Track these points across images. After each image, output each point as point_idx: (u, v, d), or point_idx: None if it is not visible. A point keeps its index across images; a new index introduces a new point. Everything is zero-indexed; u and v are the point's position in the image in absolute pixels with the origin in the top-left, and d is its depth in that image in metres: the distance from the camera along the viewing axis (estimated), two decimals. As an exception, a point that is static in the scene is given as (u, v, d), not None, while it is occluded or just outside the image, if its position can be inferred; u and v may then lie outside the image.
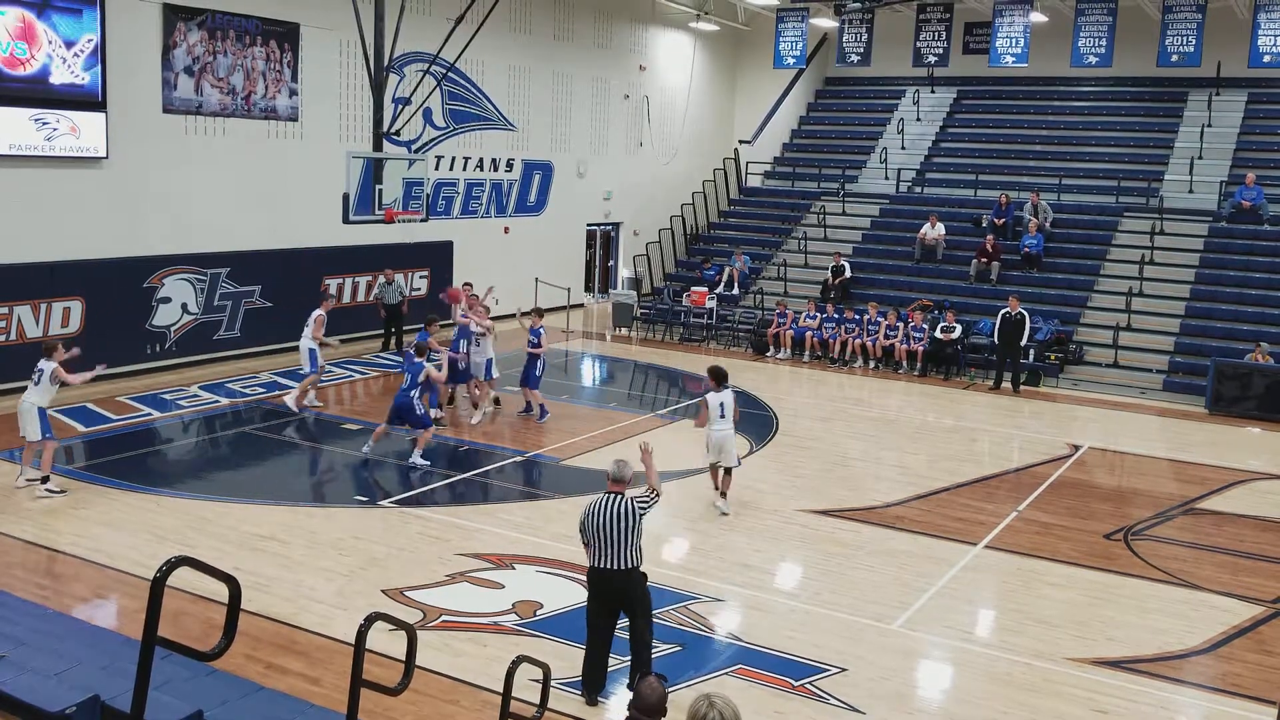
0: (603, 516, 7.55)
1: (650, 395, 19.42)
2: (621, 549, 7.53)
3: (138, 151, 17.23)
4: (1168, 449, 16.17)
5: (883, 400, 18.96)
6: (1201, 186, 24.06)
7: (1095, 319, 21.48)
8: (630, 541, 7.54)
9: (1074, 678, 8.41)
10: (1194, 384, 19.30)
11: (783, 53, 26.27)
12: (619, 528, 7.51)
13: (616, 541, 7.52)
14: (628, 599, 7.66)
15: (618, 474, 7.73)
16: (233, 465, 13.70)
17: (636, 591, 7.66)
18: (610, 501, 7.60)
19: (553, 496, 12.60)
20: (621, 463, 7.81)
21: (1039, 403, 18.97)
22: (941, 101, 29.75)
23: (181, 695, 4.79)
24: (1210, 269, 21.95)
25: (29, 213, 16.01)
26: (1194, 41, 21.99)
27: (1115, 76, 26.60)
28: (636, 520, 7.55)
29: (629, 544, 7.54)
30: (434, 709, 7.44)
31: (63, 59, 15.98)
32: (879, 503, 12.71)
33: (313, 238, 19.94)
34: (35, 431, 11.54)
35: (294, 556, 10.21)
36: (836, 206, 26.78)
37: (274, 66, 19.29)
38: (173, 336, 17.97)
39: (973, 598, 10.15)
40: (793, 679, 8.17)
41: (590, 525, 7.61)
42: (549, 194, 26.48)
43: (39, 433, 11.55)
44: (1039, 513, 12.60)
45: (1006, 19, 23.79)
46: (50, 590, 9.15)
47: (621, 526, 7.51)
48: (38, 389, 11.64)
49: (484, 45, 20.24)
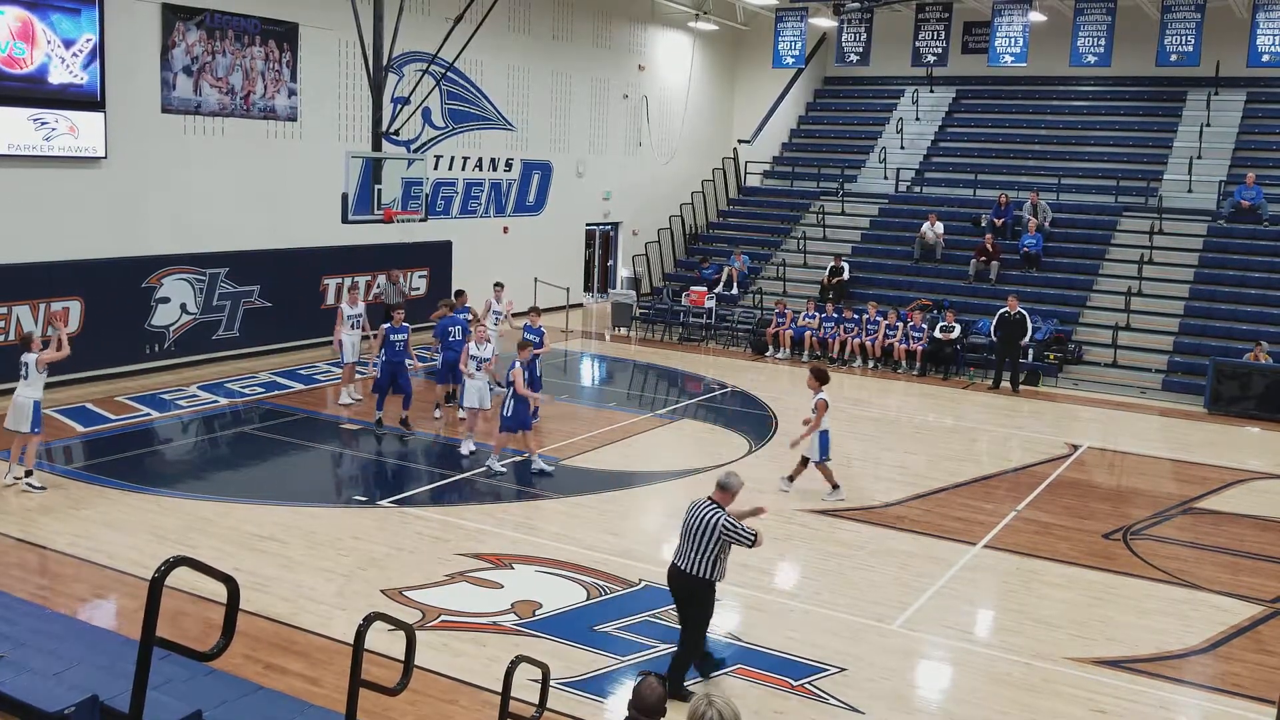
0: (693, 517, 7.64)
1: (650, 395, 19.41)
2: (692, 553, 7.57)
3: (137, 151, 17.22)
4: (1167, 449, 16.18)
5: (882, 400, 18.96)
6: (1200, 186, 24.08)
7: (1094, 318, 21.49)
8: (703, 550, 7.53)
9: (1073, 677, 8.41)
10: (1193, 384, 19.31)
11: (782, 52, 26.26)
12: (698, 534, 7.55)
13: (691, 544, 7.58)
14: (684, 600, 7.73)
15: (724, 484, 7.75)
16: (232, 465, 13.69)
17: (692, 599, 7.68)
18: (705, 507, 7.64)
19: (552, 497, 12.59)
20: (731, 474, 7.81)
21: (1038, 402, 18.97)
22: (940, 101, 29.76)
23: (180, 695, 4.78)
24: (1209, 269, 21.96)
25: (28, 213, 16.00)
26: (1193, 41, 22.00)
27: (1114, 76, 26.60)
28: (716, 538, 7.50)
29: (701, 553, 7.54)
30: (433, 709, 7.44)
31: (61, 59, 15.96)
32: (878, 502, 12.71)
33: (312, 237, 19.93)
34: (27, 424, 11.55)
35: (293, 556, 10.20)
36: (836, 206, 26.79)
37: (273, 66, 19.28)
38: (172, 336, 17.96)
39: (972, 597, 10.15)
40: (792, 679, 8.17)
41: (685, 519, 7.72)
42: (548, 194, 26.48)
43: (30, 426, 11.56)
44: (1038, 512, 12.60)
45: (1005, 18, 23.79)
46: (49, 590, 9.15)
47: (701, 534, 7.54)
48: (28, 382, 11.65)
49: (483, 45, 20.24)
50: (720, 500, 7.68)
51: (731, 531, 7.51)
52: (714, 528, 7.51)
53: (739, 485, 7.80)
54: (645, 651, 8.52)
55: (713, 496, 7.73)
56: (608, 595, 9.63)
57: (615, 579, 9.96)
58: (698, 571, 7.56)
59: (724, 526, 7.51)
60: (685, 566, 7.61)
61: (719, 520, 7.52)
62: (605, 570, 10.15)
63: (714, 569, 7.58)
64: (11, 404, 11.74)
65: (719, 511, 7.59)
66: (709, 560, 7.54)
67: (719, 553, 7.55)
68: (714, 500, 7.69)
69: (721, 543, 7.52)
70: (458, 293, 17.56)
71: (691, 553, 7.57)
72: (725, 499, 7.70)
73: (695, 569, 7.56)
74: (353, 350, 16.18)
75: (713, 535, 7.50)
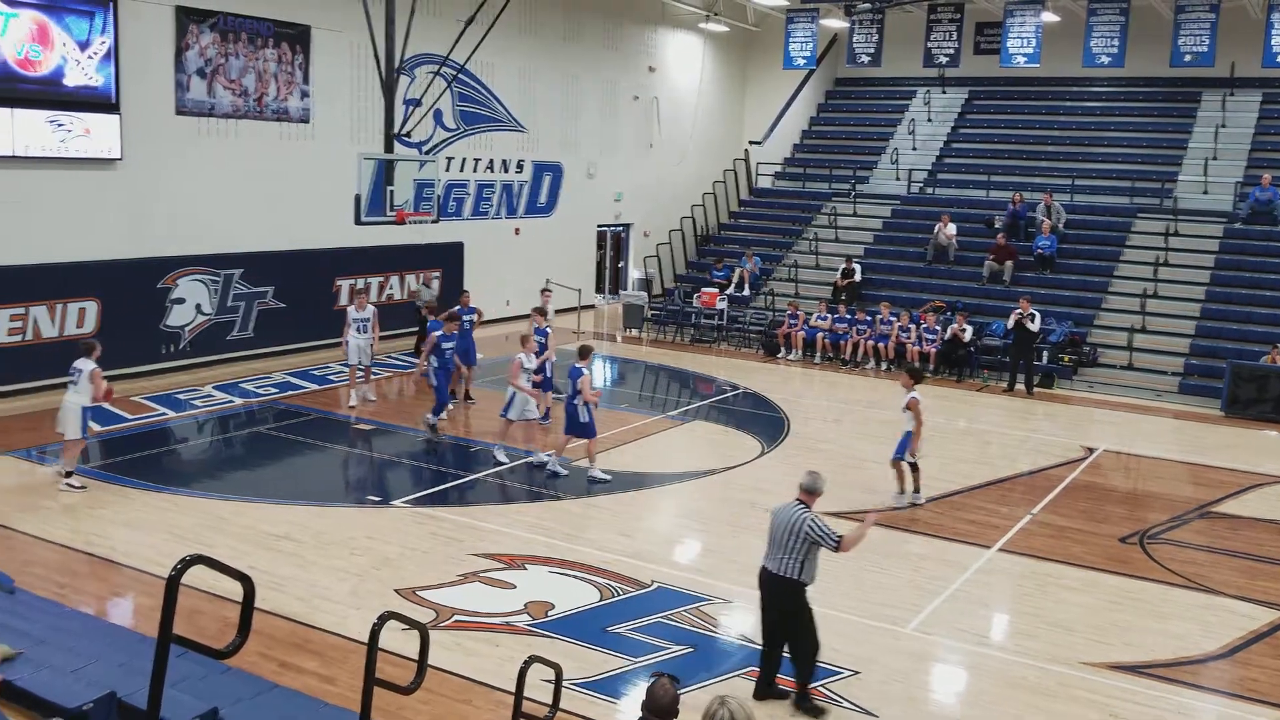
0: (779, 518, 7.64)
1: (661, 396, 19.40)
2: (780, 555, 7.56)
3: (151, 153, 17.28)
4: (1183, 452, 16.09)
5: (895, 401, 18.82)
6: (1216, 187, 23.96)
7: (1109, 321, 21.40)
8: (790, 551, 7.52)
9: (1089, 682, 8.37)
10: (1209, 386, 19.21)
11: (793, 54, 26.23)
12: (785, 535, 7.54)
13: (779, 546, 7.57)
14: (777, 603, 7.71)
15: (809, 485, 7.74)
16: (247, 465, 13.73)
17: (786, 603, 7.65)
18: (791, 508, 7.63)
19: (565, 497, 12.59)
20: (815, 474, 7.80)
21: (1053, 405, 18.90)
22: (953, 102, 29.68)
23: (197, 693, 4.80)
24: (1225, 270, 21.85)
25: (44, 214, 16.07)
26: (1207, 41, 21.89)
27: (1128, 77, 26.49)
28: (803, 539, 7.49)
29: (789, 554, 7.53)
30: (447, 708, 7.44)
31: (76, 61, 16.04)
32: (891, 505, 12.67)
33: (324, 239, 19.99)
34: (75, 430, 11.70)
35: (308, 556, 10.23)
36: (847, 207, 26.75)
37: (285, 68, 19.34)
38: (187, 337, 18.03)
39: (986, 601, 10.11)
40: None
41: (771, 522, 7.71)
42: (559, 195, 26.49)
43: (78, 431, 11.71)
44: (1053, 516, 12.54)
45: (1018, 19, 23.72)
46: (68, 588, 9.18)
47: (787, 536, 7.53)
48: (78, 388, 11.75)
49: (494, 47, 20.25)
50: (806, 501, 7.67)
51: (816, 532, 7.49)
52: (800, 531, 7.49)
53: (822, 484, 7.80)
54: (658, 653, 8.51)
55: (799, 498, 7.71)
56: (620, 596, 9.63)
57: (628, 580, 9.95)
58: (787, 573, 7.55)
59: (809, 527, 7.49)
60: (775, 569, 7.61)
61: (805, 520, 7.51)
62: (618, 571, 10.15)
63: (803, 570, 7.56)
64: (61, 408, 11.87)
65: (806, 512, 7.57)
66: (797, 562, 7.53)
67: (807, 554, 7.53)
68: (800, 501, 7.67)
69: (809, 544, 7.51)
70: (461, 292, 17.58)
71: (780, 555, 7.56)
72: (811, 500, 7.70)
73: (785, 570, 7.56)
74: (358, 354, 16.14)
75: (798, 537, 7.49)
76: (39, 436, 13.74)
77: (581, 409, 12.96)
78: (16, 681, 4.33)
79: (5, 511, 10.95)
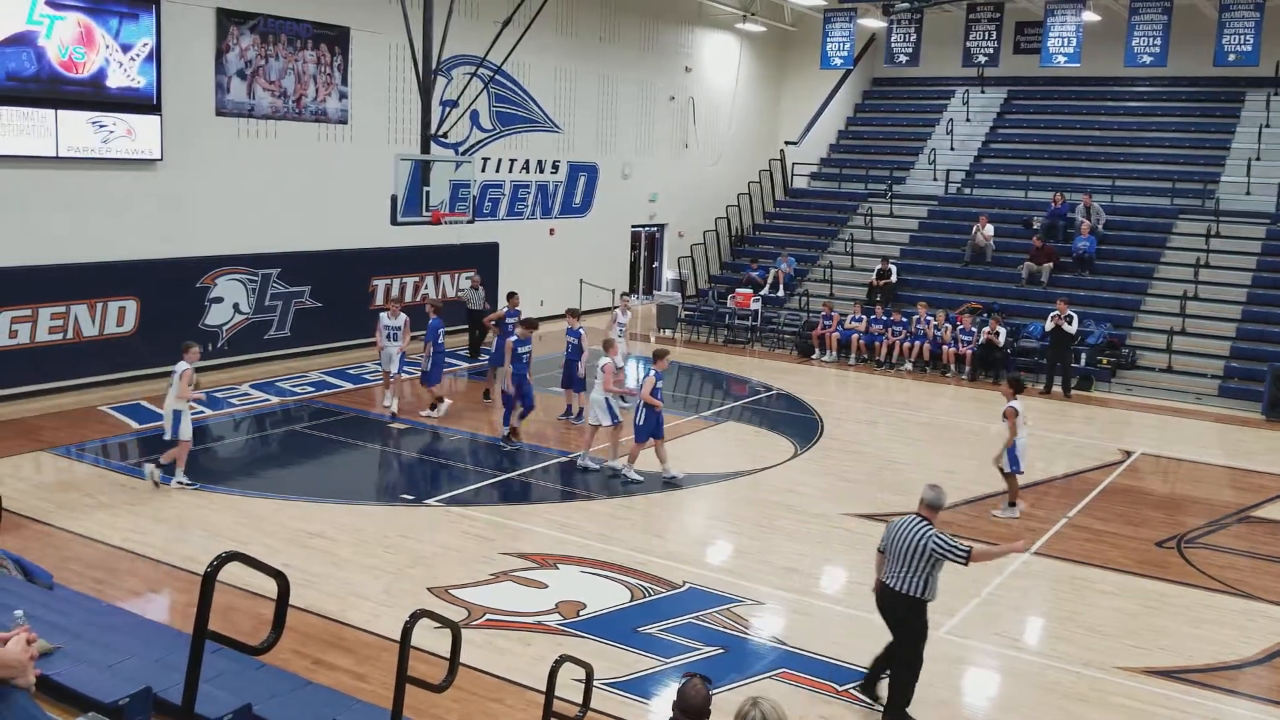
0: (898, 533, 7.43)
1: (695, 397, 19.36)
2: (901, 571, 7.37)
3: (191, 153, 17.50)
4: (1223, 456, 15.86)
5: (930, 404, 18.78)
6: (1259, 188, 23.58)
7: (1149, 323, 21.13)
8: (912, 568, 7.33)
9: (1124, 687, 8.28)
10: (1251, 390, 18.92)
11: (830, 53, 26.09)
12: (906, 551, 7.34)
13: (901, 563, 7.37)
14: (893, 619, 7.55)
15: (933, 501, 7.55)
16: (282, 463, 13.87)
17: (902, 618, 7.48)
18: (912, 524, 7.43)
19: (597, 497, 12.61)
20: (937, 489, 7.62)
21: (1091, 408, 18.69)
22: (992, 102, 29.43)
23: (231, 688, 4.85)
24: (1268, 272, 21.49)
25: (85, 214, 16.31)
26: (1252, 40, 21.55)
27: (1170, 76, 26.15)
28: (925, 553, 7.28)
29: (910, 571, 7.34)
30: (478, 707, 7.48)
31: (119, 63, 16.26)
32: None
33: (361, 239, 20.15)
34: (169, 431, 11.93)
35: (341, 554, 10.31)
36: (884, 208, 26.59)
37: (324, 70, 19.51)
38: (224, 336, 18.23)
39: (1021, 605, 10.02)
40: (837, 684, 8.12)
41: (887, 536, 7.53)
42: (594, 195, 26.54)
43: (170, 433, 11.92)
44: (1090, 519, 12.41)
45: (1058, 18, 23.45)
46: (105, 584, 9.31)
47: (908, 552, 7.33)
48: (173, 390, 11.91)
49: (530, 48, 20.32)
50: (927, 517, 7.47)
51: (943, 548, 7.27)
52: (923, 546, 7.29)
53: (944, 499, 7.64)
54: (689, 654, 8.50)
55: (920, 513, 7.49)
56: (652, 597, 9.63)
57: (659, 581, 9.96)
58: (909, 590, 7.36)
59: (935, 544, 7.28)
60: (896, 585, 7.41)
61: (930, 538, 7.30)
62: (649, 572, 10.15)
63: (925, 587, 7.37)
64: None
65: (929, 528, 7.36)
66: (920, 579, 7.34)
67: (930, 571, 7.35)
68: (922, 516, 7.46)
69: (933, 561, 7.31)
70: (510, 294, 17.57)
71: (902, 571, 7.37)
72: (933, 516, 7.49)
73: (906, 587, 7.36)
74: (389, 361, 15.78)
75: (923, 554, 7.28)
76: (78, 434, 13.98)
77: (640, 411, 12.98)
78: (54, 676, 4.40)
79: (45, 508, 11.13)
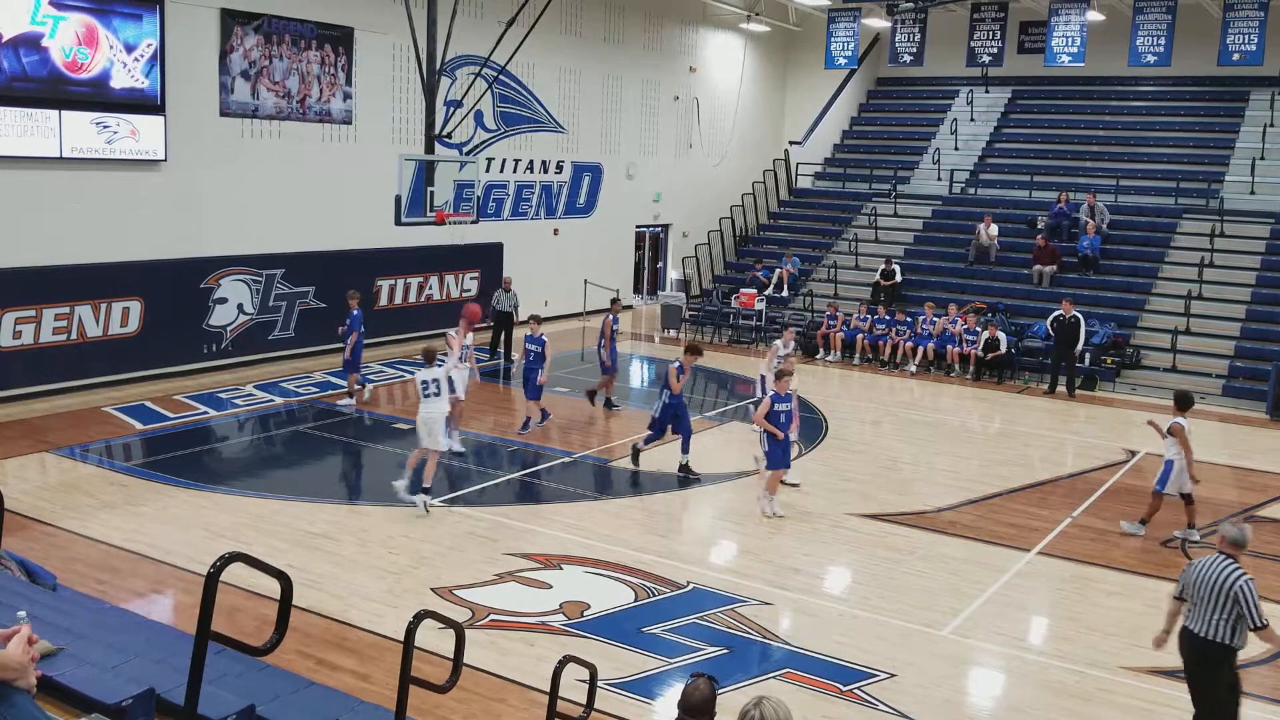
0: (1204, 574, 6.87)
1: (699, 397, 19.35)
2: (1209, 614, 6.80)
3: (195, 154, 17.51)
4: (1227, 455, 15.82)
5: (934, 403, 18.76)
6: (1263, 188, 23.54)
7: (1153, 322, 21.09)
8: (1216, 611, 6.75)
9: (1129, 687, 8.26)
10: (1255, 389, 18.88)
11: (834, 53, 26.08)
12: (1209, 593, 6.78)
13: (1209, 605, 6.81)
14: (1192, 664, 6.99)
15: (1237, 538, 6.93)
16: (286, 464, 13.88)
17: (1201, 666, 6.92)
18: (1216, 564, 6.86)
19: (601, 498, 12.61)
20: (1242, 526, 7.04)
21: (1095, 407, 18.66)
22: (996, 101, 29.40)
23: (234, 689, 4.84)
24: (1272, 272, 21.45)
25: (89, 214, 16.33)
26: (1256, 40, 21.49)
27: (1174, 76, 26.09)
28: (1229, 597, 6.69)
29: (1219, 614, 6.76)
30: (482, 707, 7.48)
31: (123, 63, 16.28)
32: (930, 507, 12.57)
33: (365, 239, 20.16)
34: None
35: (345, 554, 10.32)
36: (888, 208, 26.57)
37: (329, 70, 19.52)
38: (228, 336, 18.25)
39: (1025, 604, 10.00)
40: (841, 684, 8.10)
41: (1193, 578, 6.97)
42: (598, 196, 26.54)
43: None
44: (1094, 519, 12.39)
45: (1062, 18, 23.41)
46: (108, 585, 9.32)
47: (1212, 593, 6.77)
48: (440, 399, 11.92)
49: (535, 48, 20.32)
50: (1233, 555, 6.88)
51: (1245, 599, 6.65)
52: (1227, 588, 6.71)
53: (1249, 536, 7.02)
54: (693, 654, 8.50)
55: (1225, 550, 6.91)
56: (656, 597, 9.63)
57: (664, 581, 9.95)
58: (1211, 635, 6.80)
59: (1242, 589, 6.67)
60: (1199, 630, 6.85)
61: (1240, 580, 6.71)
62: (653, 572, 10.15)
63: (1235, 634, 6.76)
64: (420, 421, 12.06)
65: (1238, 569, 6.77)
66: (1228, 624, 6.74)
67: (1239, 615, 6.72)
68: (1228, 555, 6.87)
69: (1242, 607, 6.69)
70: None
71: (1209, 614, 6.79)
72: (1237, 554, 6.89)
73: (1208, 632, 6.80)
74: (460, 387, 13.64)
75: (1227, 597, 6.70)
76: (82, 435, 13.99)
77: (763, 438, 12.05)
78: (57, 677, 4.39)
79: (49, 509, 11.15)
